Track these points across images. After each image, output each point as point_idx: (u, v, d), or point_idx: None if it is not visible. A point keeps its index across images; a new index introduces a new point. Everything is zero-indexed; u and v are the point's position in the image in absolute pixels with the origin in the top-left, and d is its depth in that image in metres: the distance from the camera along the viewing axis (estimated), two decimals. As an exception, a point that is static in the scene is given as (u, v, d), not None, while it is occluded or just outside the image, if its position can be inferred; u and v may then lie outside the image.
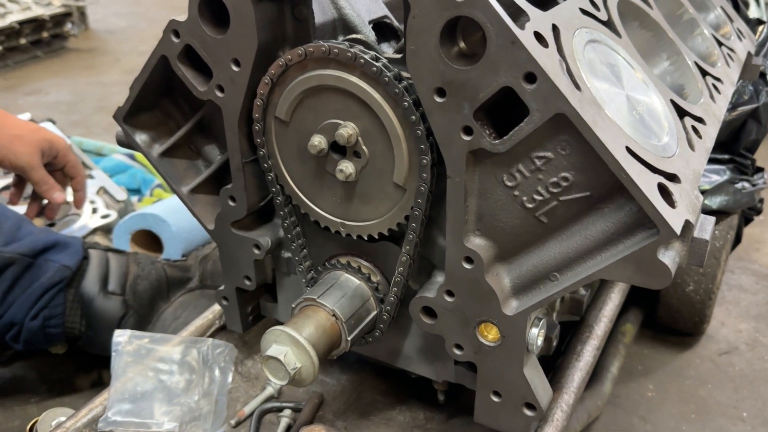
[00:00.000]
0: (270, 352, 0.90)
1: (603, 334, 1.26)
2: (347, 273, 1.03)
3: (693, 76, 1.10)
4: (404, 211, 0.92)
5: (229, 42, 0.91)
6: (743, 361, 1.81)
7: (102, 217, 2.05)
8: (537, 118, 0.74)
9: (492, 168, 0.82)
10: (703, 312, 1.75)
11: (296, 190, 1.01)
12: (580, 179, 0.78)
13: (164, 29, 0.96)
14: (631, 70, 0.93)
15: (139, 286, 1.58)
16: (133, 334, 1.21)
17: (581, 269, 0.81)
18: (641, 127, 0.84)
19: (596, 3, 0.96)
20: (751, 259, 2.26)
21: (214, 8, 0.91)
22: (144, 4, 6.66)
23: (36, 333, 1.48)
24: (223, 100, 0.97)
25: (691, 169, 0.85)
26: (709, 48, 1.26)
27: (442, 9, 0.74)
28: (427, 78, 0.78)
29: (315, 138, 0.92)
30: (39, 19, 4.64)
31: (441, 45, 0.76)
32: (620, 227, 0.78)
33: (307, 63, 0.89)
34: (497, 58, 0.73)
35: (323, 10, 1.01)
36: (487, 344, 0.92)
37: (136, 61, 4.67)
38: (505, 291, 0.88)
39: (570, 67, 0.77)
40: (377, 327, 1.04)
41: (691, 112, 0.98)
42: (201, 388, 1.16)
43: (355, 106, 0.89)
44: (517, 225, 0.84)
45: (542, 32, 0.76)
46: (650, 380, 1.74)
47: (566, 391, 1.08)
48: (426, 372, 1.09)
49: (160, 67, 1.01)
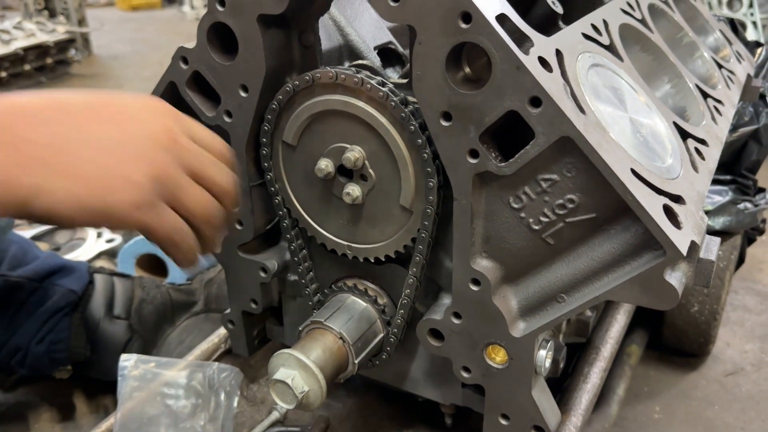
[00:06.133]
0: (278, 375, 0.90)
1: (609, 356, 1.25)
2: (354, 295, 1.03)
3: (694, 98, 1.11)
4: (411, 234, 0.93)
5: (237, 68, 0.93)
6: (749, 381, 1.80)
7: (107, 242, 2.05)
8: (542, 141, 0.75)
9: (498, 190, 0.82)
10: (708, 333, 1.75)
11: (303, 214, 1.01)
12: (586, 201, 0.78)
13: (173, 56, 0.97)
14: (634, 94, 0.94)
15: (144, 310, 1.58)
16: (139, 358, 1.21)
17: (588, 291, 0.82)
18: (645, 149, 0.84)
19: (598, 28, 0.97)
20: (755, 279, 2.25)
21: (223, 35, 0.93)
22: (147, 30, 6.73)
23: (41, 357, 1.48)
24: (231, 126, 0.98)
25: (695, 190, 0.86)
26: (709, 70, 1.28)
27: (447, 35, 0.75)
28: (433, 102, 0.79)
29: (322, 162, 0.93)
30: (43, 45, 4.69)
31: (447, 70, 0.77)
32: (626, 248, 0.78)
33: (314, 88, 0.91)
34: (502, 82, 0.74)
35: (329, 36, 1.02)
36: (494, 366, 0.92)
37: (139, 87, 4.71)
38: (513, 313, 0.88)
39: (574, 91, 0.78)
40: (384, 350, 1.04)
41: (694, 134, 0.99)
42: (207, 412, 1.16)
43: (361, 130, 0.90)
44: (523, 247, 0.84)
45: (546, 57, 0.77)
46: (656, 402, 1.73)
47: (574, 414, 1.08)
48: (433, 395, 1.08)
49: (169, 93, 1.02)
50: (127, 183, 0.61)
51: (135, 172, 0.62)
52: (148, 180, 0.63)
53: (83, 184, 0.59)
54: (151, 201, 0.64)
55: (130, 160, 0.62)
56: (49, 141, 0.59)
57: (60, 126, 0.60)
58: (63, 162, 0.59)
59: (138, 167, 0.62)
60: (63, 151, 0.59)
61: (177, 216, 0.68)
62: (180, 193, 0.67)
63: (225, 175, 0.74)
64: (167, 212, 0.67)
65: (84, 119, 0.62)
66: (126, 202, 0.61)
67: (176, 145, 0.67)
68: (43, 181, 0.57)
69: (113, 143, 0.62)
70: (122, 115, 0.66)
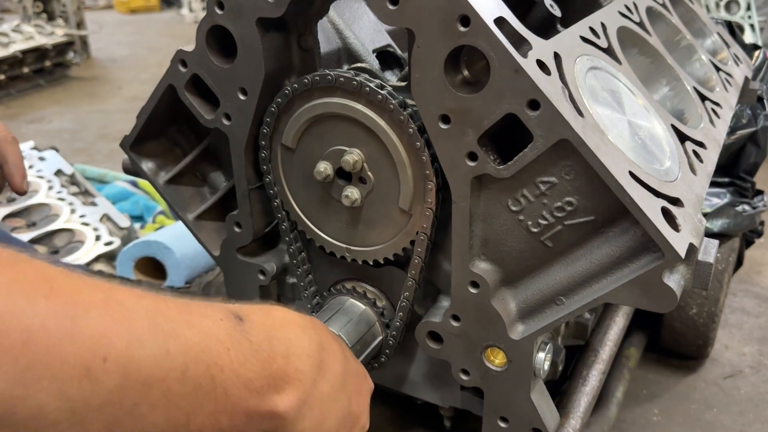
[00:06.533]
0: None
1: (608, 359, 1.25)
2: (353, 298, 1.03)
3: (692, 101, 1.12)
4: (410, 236, 0.93)
5: (236, 71, 0.93)
6: (748, 384, 1.80)
7: (105, 245, 2.05)
8: (541, 144, 0.75)
9: (497, 193, 0.83)
10: (707, 335, 1.75)
11: (302, 216, 1.01)
12: (585, 204, 0.78)
13: (172, 59, 0.98)
14: (632, 96, 0.94)
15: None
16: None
17: (587, 293, 0.82)
18: (643, 152, 0.85)
19: (596, 31, 0.97)
20: (753, 281, 2.26)
21: (222, 38, 0.93)
22: (145, 33, 6.74)
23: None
24: (230, 129, 0.98)
25: (693, 192, 0.86)
26: (707, 73, 1.28)
27: (446, 38, 0.75)
28: (432, 105, 0.80)
29: (321, 164, 0.93)
30: (42, 48, 4.70)
31: (445, 73, 0.77)
32: (625, 251, 0.78)
33: (313, 91, 0.91)
34: (501, 85, 0.74)
35: (328, 39, 1.02)
36: (493, 369, 0.92)
37: (137, 89, 4.71)
38: (511, 315, 0.88)
39: (572, 94, 0.78)
40: (383, 352, 1.04)
41: (692, 137, 0.99)
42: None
43: (360, 132, 0.90)
44: (522, 249, 0.84)
45: (544, 60, 0.77)
46: (655, 404, 1.73)
47: (573, 416, 1.08)
48: (432, 398, 1.08)
49: (167, 96, 1.02)
50: None
51: None
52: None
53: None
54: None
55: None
56: None
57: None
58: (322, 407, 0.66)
59: None
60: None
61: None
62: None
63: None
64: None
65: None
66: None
67: None
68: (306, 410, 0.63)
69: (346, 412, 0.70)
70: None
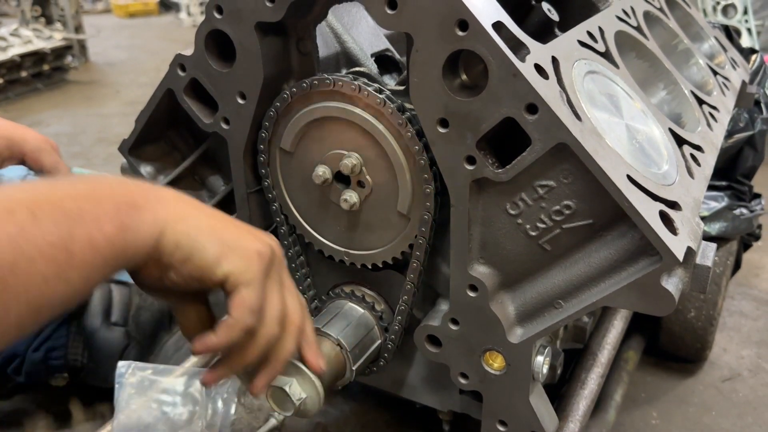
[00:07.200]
0: (275, 382, 0.90)
1: (607, 362, 1.25)
2: (351, 302, 1.03)
3: (690, 104, 1.12)
4: (408, 240, 0.93)
5: (235, 75, 0.93)
6: (746, 387, 1.80)
7: (103, 248, 2.05)
8: (539, 147, 0.75)
9: (495, 197, 0.83)
10: (705, 338, 1.75)
11: (300, 220, 1.02)
12: (583, 207, 0.79)
13: (171, 63, 0.98)
14: (630, 100, 0.94)
15: (142, 317, 1.57)
16: (136, 365, 1.21)
17: (585, 296, 0.82)
18: (641, 155, 0.85)
19: (594, 35, 0.98)
20: (751, 284, 2.26)
21: (220, 43, 0.93)
22: (143, 37, 6.74)
23: (38, 365, 1.48)
24: (228, 132, 0.98)
25: (691, 196, 0.86)
26: (704, 77, 1.28)
27: (444, 42, 0.76)
28: (430, 109, 0.80)
29: (319, 168, 0.93)
30: (40, 52, 4.69)
31: (444, 77, 0.77)
32: (623, 254, 0.78)
33: (311, 95, 0.91)
34: (499, 89, 0.75)
35: (327, 43, 1.03)
36: (492, 373, 0.92)
37: (136, 93, 4.71)
38: (510, 319, 0.88)
39: (570, 98, 0.78)
40: (382, 356, 1.04)
41: (690, 141, 0.99)
42: (204, 420, 1.16)
43: (358, 136, 0.90)
44: (520, 253, 0.85)
45: (542, 64, 0.78)
46: (654, 408, 1.73)
47: (572, 420, 1.08)
48: (431, 402, 1.08)
49: (166, 100, 1.02)
50: (255, 239, 0.69)
51: (260, 242, 0.69)
52: (268, 250, 0.69)
53: (221, 226, 0.67)
54: (269, 261, 0.69)
55: (256, 239, 0.69)
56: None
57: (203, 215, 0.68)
58: (206, 214, 0.67)
59: (262, 242, 0.69)
60: (204, 214, 0.67)
61: (280, 302, 0.71)
62: (284, 288, 0.72)
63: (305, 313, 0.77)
64: (275, 291, 0.70)
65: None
66: (252, 249, 0.67)
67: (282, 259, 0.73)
68: (189, 214, 0.65)
69: (244, 228, 0.70)
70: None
